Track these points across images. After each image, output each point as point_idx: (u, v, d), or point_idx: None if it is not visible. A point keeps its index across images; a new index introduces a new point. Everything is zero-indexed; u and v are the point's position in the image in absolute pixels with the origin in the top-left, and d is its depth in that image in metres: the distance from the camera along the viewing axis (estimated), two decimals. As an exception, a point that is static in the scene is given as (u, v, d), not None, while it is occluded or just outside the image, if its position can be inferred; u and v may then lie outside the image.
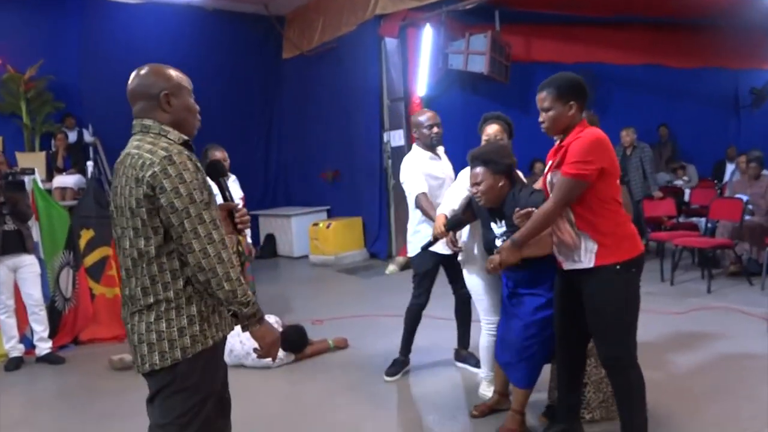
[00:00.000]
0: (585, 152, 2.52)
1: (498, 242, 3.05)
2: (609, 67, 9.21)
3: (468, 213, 3.36)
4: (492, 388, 3.57)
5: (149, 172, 1.79)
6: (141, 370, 1.92)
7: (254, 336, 1.95)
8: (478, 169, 3.03)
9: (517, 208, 2.86)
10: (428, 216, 3.73)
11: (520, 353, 3.03)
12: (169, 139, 1.92)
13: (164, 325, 1.86)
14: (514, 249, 2.77)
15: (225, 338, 2.04)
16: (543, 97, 2.68)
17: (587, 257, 2.61)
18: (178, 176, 1.80)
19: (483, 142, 3.46)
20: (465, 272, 3.56)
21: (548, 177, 2.75)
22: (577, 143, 2.55)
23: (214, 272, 1.80)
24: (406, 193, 3.96)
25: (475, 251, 3.46)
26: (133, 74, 2.01)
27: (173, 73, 2.01)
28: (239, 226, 2.20)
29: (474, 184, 3.06)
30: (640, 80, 9.55)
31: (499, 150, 3.10)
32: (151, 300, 1.87)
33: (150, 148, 1.84)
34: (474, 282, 3.51)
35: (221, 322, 1.99)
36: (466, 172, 3.30)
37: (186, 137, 1.99)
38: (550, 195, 2.65)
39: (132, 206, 1.83)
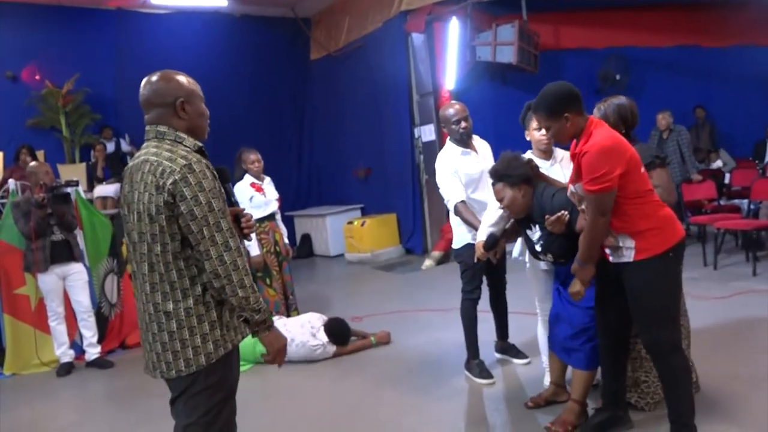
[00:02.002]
0: (597, 166, 2.49)
1: (537, 247, 3.07)
2: (641, 50, 9.03)
3: (511, 229, 3.35)
4: None
5: (170, 180, 1.83)
6: (167, 376, 1.96)
7: (264, 341, 2.03)
8: (498, 186, 3.10)
9: (547, 216, 2.87)
10: (471, 225, 3.71)
11: (583, 334, 3.02)
12: (185, 146, 1.96)
13: (187, 333, 1.90)
14: (584, 268, 2.71)
15: (243, 340, 2.08)
16: (539, 119, 2.75)
17: (627, 253, 2.62)
18: (197, 184, 1.84)
19: (533, 131, 3.44)
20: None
21: (570, 188, 2.76)
22: (587, 158, 2.52)
23: (230, 279, 1.86)
24: (444, 200, 3.91)
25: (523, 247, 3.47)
26: (144, 81, 2.03)
27: (184, 79, 2.04)
28: (245, 231, 2.22)
29: (499, 200, 3.12)
30: (675, 62, 9.32)
31: (510, 162, 3.10)
32: (171, 307, 1.90)
33: (169, 156, 1.88)
34: (530, 273, 3.53)
35: (240, 325, 2.03)
36: None
37: (200, 144, 2.02)
38: (586, 209, 2.62)
39: (152, 213, 1.86)
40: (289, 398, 4.04)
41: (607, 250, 2.73)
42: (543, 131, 3.38)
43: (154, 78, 2.01)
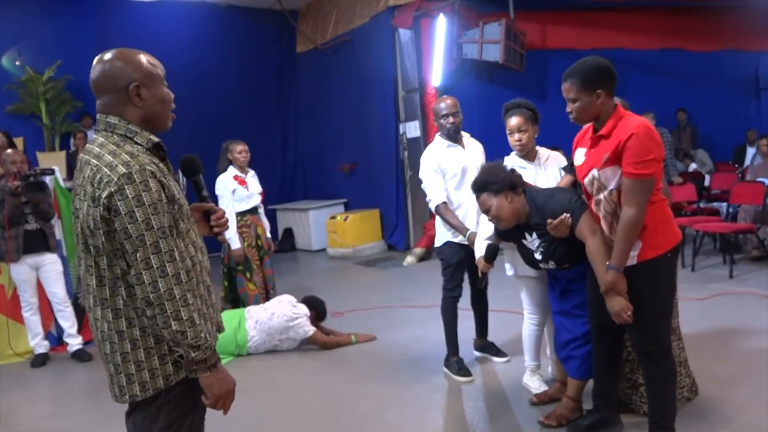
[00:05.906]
0: (647, 149, 2.40)
1: (537, 255, 2.98)
2: (626, 52, 9.05)
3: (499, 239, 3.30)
4: (535, 378, 3.58)
5: (105, 192, 1.58)
6: (120, 401, 1.75)
7: (203, 384, 1.72)
8: (482, 197, 2.99)
9: (549, 221, 2.80)
10: (453, 227, 3.75)
11: (582, 345, 3.02)
12: (137, 143, 1.70)
13: (142, 354, 1.69)
14: (619, 275, 2.51)
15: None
16: (568, 88, 2.56)
17: (632, 254, 2.54)
18: (135, 198, 1.58)
19: (508, 135, 3.42)
20: (515, 277, 3.52)
21: (592, 173, 2.60)
22: (637, 141, 2.40)
23: (162, 309, 1.60)
24: (426, 199, 3.94)
25: (516, 257, 3.39)
26: (95, 60, 1.74)
27: (143, 58, 1.75)
28: (215, 229, 1.98)
29: (485, 212, 3.03)
30: (659, 65, 9.41)
31: (488, 170, 3.04)
32: (124, 326, 1.68)
33: (110, 161, 1.62)
34: (522, 282, 3.46)
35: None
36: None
37: (156, 139, 1.76)
38: (625, 201, 2.47)
39: (90, 226, 1.64)
40: (270, 392, 4.01)
41: None
42: (517, 136, 3.37)
43: (107, 57, 1.73)
